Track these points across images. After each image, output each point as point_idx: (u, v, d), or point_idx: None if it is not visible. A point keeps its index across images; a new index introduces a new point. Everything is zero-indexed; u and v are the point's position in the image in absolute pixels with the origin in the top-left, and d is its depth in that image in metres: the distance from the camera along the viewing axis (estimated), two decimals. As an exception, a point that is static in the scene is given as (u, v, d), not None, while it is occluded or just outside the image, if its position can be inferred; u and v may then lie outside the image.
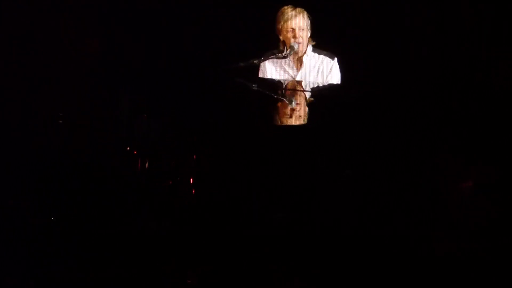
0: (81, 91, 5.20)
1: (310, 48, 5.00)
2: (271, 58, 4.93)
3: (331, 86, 4.88)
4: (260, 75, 5.03)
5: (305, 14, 4.93)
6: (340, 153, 4.32)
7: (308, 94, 4.73)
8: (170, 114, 4.56)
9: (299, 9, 4.93)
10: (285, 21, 4.90)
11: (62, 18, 5.52)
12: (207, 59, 5.38)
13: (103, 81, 5.29)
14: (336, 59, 5.02)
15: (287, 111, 4.58)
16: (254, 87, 4.57)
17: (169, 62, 5.43)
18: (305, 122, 4.53)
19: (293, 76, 4.99)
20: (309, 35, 4.97)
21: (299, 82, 4.89)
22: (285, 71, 5.03)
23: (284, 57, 4.90)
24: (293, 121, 4.53)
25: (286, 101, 4.60)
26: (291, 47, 4.86)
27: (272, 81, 4.92)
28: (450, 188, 4.50)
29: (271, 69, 5.04)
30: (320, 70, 5.00)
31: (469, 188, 4.48)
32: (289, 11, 4.91)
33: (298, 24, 4.90)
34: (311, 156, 4.31)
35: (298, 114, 4.58)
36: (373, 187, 4.36)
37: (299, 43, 4.91)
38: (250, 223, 4.27)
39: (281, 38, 4.96)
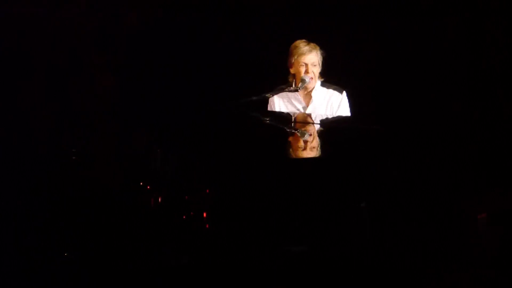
0: (95, 127, 5.17)
1: (318, 83, 4.96)
2: (283, 91, 4.89)
3: (340, 118, 4.85)
4: (268, 109, 4.99)
5: (319, 51, 4.91)
6: (355, 185, 4.29)
7: (317, 127, 4.69)
8: (184, 149, 4.53)
9: (313, 45, 4.91)
10: (299, 55, 4.88)
11: (76, 53, 5.54)
12: (220, 94, 5.38)
13: (118, 116, 5.27)
14: (345, 93, 4.98)
15: (300, 143, 4.54)
16: (267, 120, 4.55)
17: (183, 97, 5.42)
18: (318, 153, 4.51)
19: (302, 110, 4.95)
20: (319, 71, 4.94)
21: (309, 115, 4.86)
22: (293, 105, 4.99)
23: (296, 90, 4.87)
24: (307, 153, 4.47)
25: (298, 134, 4.55)
26: (303, 81, 4.83)
27: (281, 114, 4.88)
28: (465, 220, 4.48)
29: (279, 104, 5.01)
30: (330, 104, 4.98)
31: (484, 219, 4.46)
32: (303, 46, 4.89)
33: (311, 59, 4.88)
34: (326, 188, 4.28)
35: (311, 145, 4.53)
36: (388, 220, 4.32)
37: (311, 78, 4.88)
38: (264, 257, 4.22)
39: (292, 71, 4.95)
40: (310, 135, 4.59)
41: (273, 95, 4.88)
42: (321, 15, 5.66)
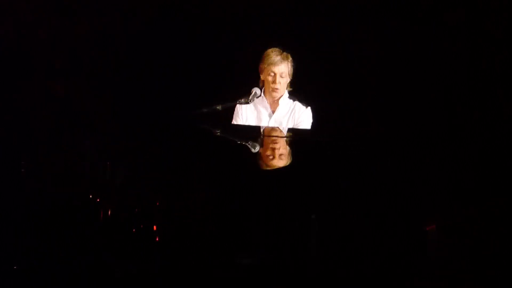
0: (43, 137, 5.14)
1: (286, 94, 4.99)
2: (234, 104, 4.91)
3: (304, 130, 4.89)
4: (234, 118, 5.01)
5: (290, 61, 4.91)
6: (307, 196, 4.26)
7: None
8: (134, 161, 4.50)
9: (285, 55, 4.91)
10: (269, 64, 4.89)
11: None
12: (173, 103, 5.36)
13: (66, 128, 5.24)
14: (309, 108, 5.01)
15: (268, 152, 4.52)
16: (217, 133, 4.54)
17: (133, 107, 5.40)
18: (289, 161, 4.47)
19: (268, 117, 4.98)
20: (288, 81, 4.95)
21: (276, 128, 4.92)
22: (259, 111, 5.01)
23: (247, 103, 4.87)
24: (276, 161, 4.42)
25: (249, 146, 4.51)
26: (255, 93, 4.84)
27: (248, 127, 4.91)
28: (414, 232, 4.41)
29: (246, 110, 5.01)
30: (292, 115, 4.99)
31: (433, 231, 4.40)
32: (274, 55, 4.88)
33: (280, 70, 4.88)
34: (277, 200, 4.24)
35: (279, 153, 4.52)
36: (337, 232, 4.27)
37: (277, 89, 4.89)
38: (215, 270, 4.17)
39: (262, 77, 4.96)
40: (273, 147, 4.56)
41: (223, 108, 4.78)
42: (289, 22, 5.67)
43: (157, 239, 4.24)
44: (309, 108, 5.01)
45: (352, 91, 5.67)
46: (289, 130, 4.92)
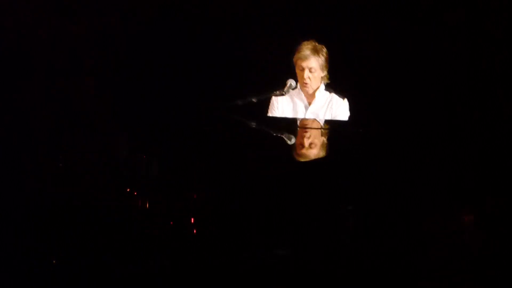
0: (79, 132, 5.16)
1: (323, 86, 4.94)
2: (269, 95, 4.88)
3: (342, 122, 4.86)
4: (270, 111, 4.98)
5: (322, 53, 4.86)
6: (345, 188, 4.26)
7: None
8: (170, 154, 4.50)
9: (317, 47, 4.86)
10: (298, 59, 4.85)
11: (58, 57, 5.55)
12: (206, 98, 5.34)
13: (101, 121, 5.26)
14: (346, 99, 4.97)
15: (302, 141, 4.52)
16: (253, 125, 4.52)
17: (167, 101, 5.41)
18: (321, 151, 4.46)
19: (304, 109, 4.94)
20: (323, 74, 4.90)
21: (311, 119, 4.88)
22: (295, 103, 4.97)
23: (282, 95, 4.84)
24: (306, 150, 4.40)
25: (284, 138, 4.49)
26: (290, 85, 4.81)
27: (284, 119, 4.87)
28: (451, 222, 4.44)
29: (282, 101, 4.98)
30: (330, 107, 4.94)
31: (470, 221, 4.42)
32: (304, 49, 4.84)
33: (309, 65, 4.83)
34: (315, 191, 4.25)
35: (309, 141, 4.49)
36: (375, 223, 4.29)
37: (306, 83, 4.85)
38: (252, 261, 4.19)
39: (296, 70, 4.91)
40: (307, 138, 4.55)
41: (257, 100, 4.74)
42: (324, 16, 5.67)
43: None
44: (345, 100, 4.96)
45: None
46: (326, 121, 4.87)
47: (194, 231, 4.24)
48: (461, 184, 4.51)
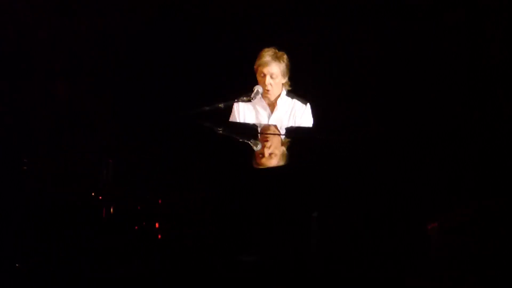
0: (43, 137, 5.12)
1: (284, 92, 4.91)
2: (235, 102, 4.83)
3: (304, 129, 4.81)
4: (231, 118, 4.95)
5: (283, 60, 4.82)
6: (309, 195, 4.23)
7: (283, 137, 4.67)
8: (136, 159, 4.48)
9: (278, 54, 4.81)
10: (259, 65, 4.81)
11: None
12: (175, 103, 5.33)
13: (66, 128, 5.23)
14: (308, 105, 4.93)
15: (260, 151, 4.44)
16: (219, 131, 4.49)
17: (134, 106, 5.39)
18: (280, 160, 4.37)
19: (267, 117, 4.92)
20: (283, 81, 4.86)
21: (275, 126, 4.83)
22: (257, 111, 4.94)
23: (249, 101, 4.80)
24: (266, 160, 4.32)
25: (251, 144, 4.46)
26: (256, 92, 4.78)
27: (246, 125, 4.83)
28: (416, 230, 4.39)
29: (244, 110, 4.95)
30: (292, 114, 4.91)
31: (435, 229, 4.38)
32: (265, 55, 4.80)
33: (270, 71, 4.79)
34: (279, 198, 4.22)
35: (269, 151, 4.42)
36: (339, 230, 4.26)
37: (268, 90, 4.81)
38: (219, 267, 4.16)
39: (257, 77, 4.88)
40: (269, 146, 4.52)
41: (224, 106, 4.68)
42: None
43: (158, 238, 4.24)
44: (308, 105, 4.94)
45: (351, 91, 5.67)
46: (287, 129, 4.84)
47: (159, 236, 4.20)
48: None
